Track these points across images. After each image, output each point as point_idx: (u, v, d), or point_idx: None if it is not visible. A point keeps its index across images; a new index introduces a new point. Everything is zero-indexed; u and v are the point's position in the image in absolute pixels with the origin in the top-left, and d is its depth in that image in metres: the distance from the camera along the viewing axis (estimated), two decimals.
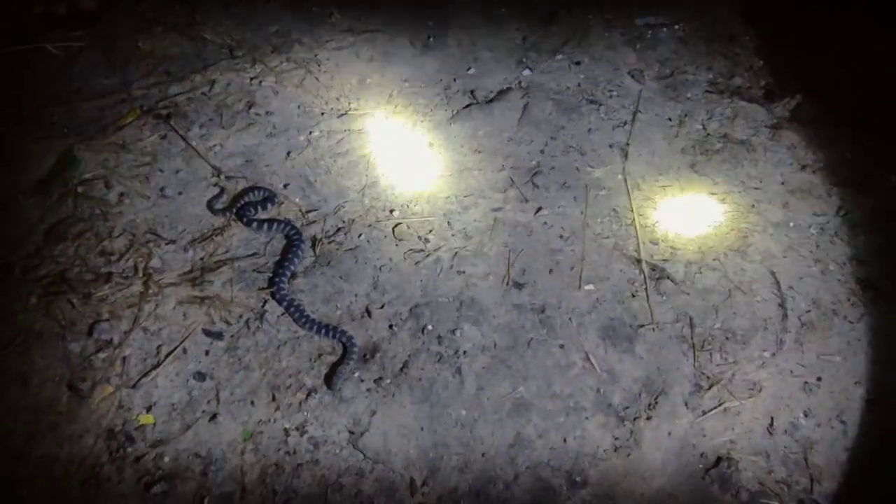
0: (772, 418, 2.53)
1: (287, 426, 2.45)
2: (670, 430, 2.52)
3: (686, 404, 2.57)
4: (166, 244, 2.87)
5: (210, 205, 3.03)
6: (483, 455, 2.45)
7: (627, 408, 2.57)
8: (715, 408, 2.55)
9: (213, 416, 2.44)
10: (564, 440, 2.49)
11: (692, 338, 2.73)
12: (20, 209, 2.93)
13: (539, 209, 3.17)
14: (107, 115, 3.35)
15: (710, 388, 2.60)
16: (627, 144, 3.49)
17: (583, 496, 2.38)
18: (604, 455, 2.47)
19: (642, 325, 2.77)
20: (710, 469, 2.44)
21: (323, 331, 2.63)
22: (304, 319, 2.66)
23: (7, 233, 2.85)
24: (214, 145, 3.30)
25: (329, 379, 2.53)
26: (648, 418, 2.54)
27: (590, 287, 2.90)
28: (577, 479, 2.42)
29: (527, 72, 3.92)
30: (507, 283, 2.89)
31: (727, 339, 2.72)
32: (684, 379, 2.63)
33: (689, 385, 2.61)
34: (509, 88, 3.78)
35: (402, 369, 2.61)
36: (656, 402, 2.58)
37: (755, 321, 2.77)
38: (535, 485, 2.39)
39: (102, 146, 3.19)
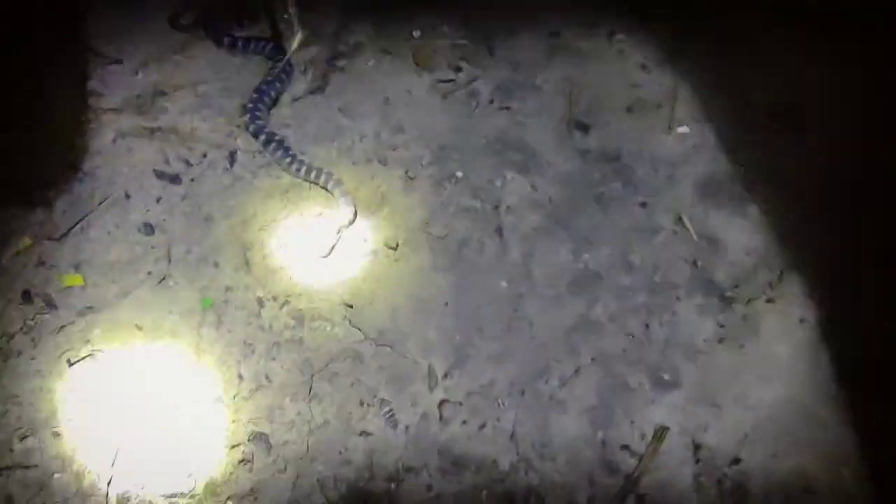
0: None
1: (261, 294, 1.79)
2: (802, 315, 1.77)
3: None
4: (110, 64, 2.15)
5: (172, 19, 2.28)
6: (531, 340, 1.75)
7: (737, 286, 1.82)
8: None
9: (162, 279, 1.80)
10: (647, 326, 1.77)
11: None
12: None
13: (612, 32, 2.31)
14: None
15: None
16: None
17: (673, 400, 1.68)
18: (704, 346, 1.74)
19: (759, 182, 1.97)
20: (860, 375, 1.69)
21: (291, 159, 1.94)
22: (289, 159, 1.95)
23: None
24: None
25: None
26: (770, 300, 1.79)
27: (684, 129, 2.09)
28: (666, 376, 1.71)
29: None
30: (569, 124, 2.09)
31: None
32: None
33: None
34: None
35: (420, 228, 1.90)
36: (780, 280, 1.82)
37: None
38: (605, 382, 1.70)
39: None
